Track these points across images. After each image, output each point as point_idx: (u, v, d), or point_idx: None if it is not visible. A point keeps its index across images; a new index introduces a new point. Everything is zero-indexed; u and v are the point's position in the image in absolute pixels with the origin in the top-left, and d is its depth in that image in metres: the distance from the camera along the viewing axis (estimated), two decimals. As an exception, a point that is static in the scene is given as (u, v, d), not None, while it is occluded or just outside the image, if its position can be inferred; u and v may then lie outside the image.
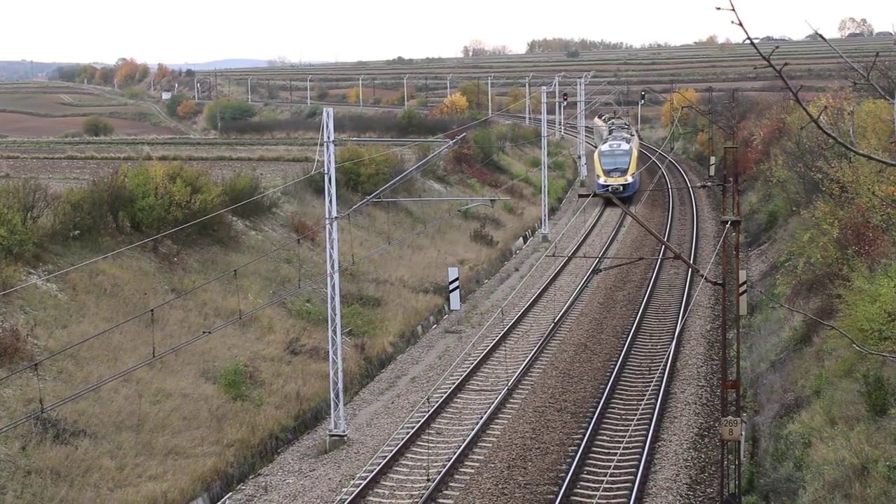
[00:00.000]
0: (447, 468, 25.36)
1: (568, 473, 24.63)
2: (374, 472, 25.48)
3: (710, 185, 53.01)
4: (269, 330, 34.53)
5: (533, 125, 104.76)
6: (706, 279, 21.75)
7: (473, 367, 34.41)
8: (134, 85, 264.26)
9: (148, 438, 25.60)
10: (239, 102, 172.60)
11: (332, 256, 28.64)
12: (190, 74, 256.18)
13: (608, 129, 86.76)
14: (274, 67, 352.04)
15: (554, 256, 45.89)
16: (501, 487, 24.62)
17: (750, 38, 8.38)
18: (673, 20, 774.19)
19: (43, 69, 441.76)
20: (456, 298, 39.09)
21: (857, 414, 21.88)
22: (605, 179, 70.17)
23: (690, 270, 44.11)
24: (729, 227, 22.33)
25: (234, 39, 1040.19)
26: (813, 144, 44.63)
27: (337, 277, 28.78)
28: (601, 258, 51.45)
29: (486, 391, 32.44)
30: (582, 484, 24.55)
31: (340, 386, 28.71)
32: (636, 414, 28.51)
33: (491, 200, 50.42)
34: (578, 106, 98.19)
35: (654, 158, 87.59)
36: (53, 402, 23.51)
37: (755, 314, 38.37)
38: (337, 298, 28.79)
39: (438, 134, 75.21)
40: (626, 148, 72.27)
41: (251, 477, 26.60)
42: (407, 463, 26.52)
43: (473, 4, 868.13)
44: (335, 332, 28.82)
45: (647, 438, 26.77)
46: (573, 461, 25.44)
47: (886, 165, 18.75)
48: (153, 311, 27.11)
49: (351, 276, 40.75)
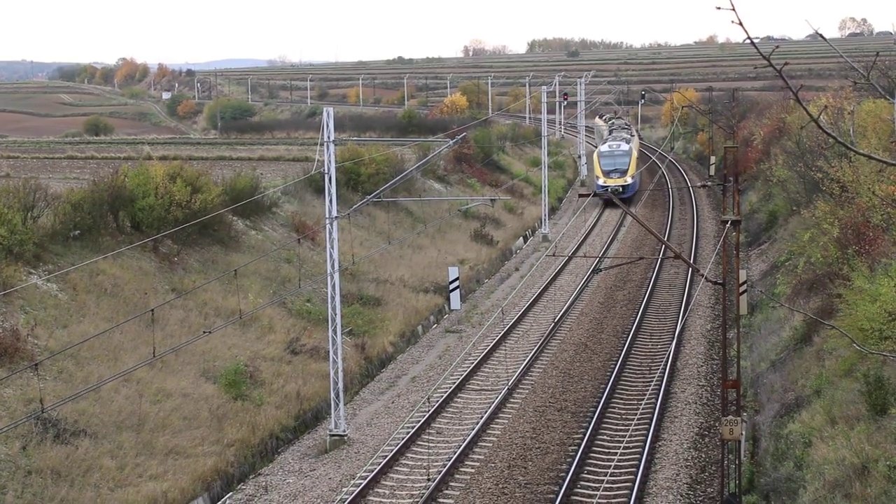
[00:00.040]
0: (447, 468, 25.37)
1: (568, 473, 24.63)
2: (374, 471, 25.49)
3: (710, 184, 53.01)
4: (269, 330, 34.53)
5: (533, 125, 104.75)
6: (706, 279, 21.77)
7: (474, 366, 34.42)
8: (134, 85, 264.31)
9: (148, 438, 25.61)
10: (239, 102, 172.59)
11: (332, 256, 28.65)
12: (190, 74, 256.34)
13: (608, 129, 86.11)
14: (274, 67, 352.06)
15: (554, 256, 45.86)
16: (502, 487, 24.63)
17: (750, 37, 8.39)
18: (673, 20, 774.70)
19: (43, 69, 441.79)
20: (456, 298, 39.12)
21: (857, 413, 21.89)
22: (604, 181, 69.04)
23: (691, 270, 44.12)
24: (729, 226, 22.33)
25: (234, 39, 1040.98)
26: (813, 144, 44.63)
27: (337, 277, 28.78)
28: (601, 258, 51.46)
29: (486, 391, 32.45)
30: (582, 483, 24.55)
31: (341, 385, 28.71)
32: (636, 413, 28.51)
33: (491, 200, 50.43)
34: (579, 105, 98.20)
35: (654, 158, 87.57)
36: (54, 401, 23.52)
37: (755, 314, 38.37)
38: (337, 298, 28.80)
39: (438, 134, 75.12)
40: (625, 149, 71.14)
41: (251, 477, 26.61)
42: (407, 462, 26.53)
43: (474, 4, 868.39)
44: (335, 331, 28.82)
45: (647, 438, 26.78)
46: (573, 461, 25.44)
47: (887, 165, 18.75)
48: (153, 310, 27.14)
49: (351, 275, 40.76)
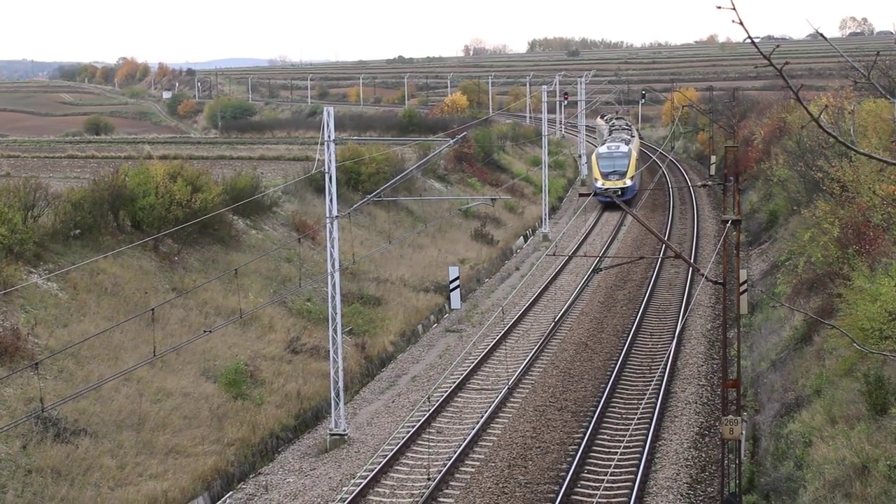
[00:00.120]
0: (448, 467, 25.37)
1: (568, 472, 24.63)
2: (374, 471, 25.49)
3: (710, 184, 52.96)
4: (269, 329, 34.54)
5: (533, 124, 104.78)
6: (707, 278, 21.77)
7: (474, 366, 34.41)
8: (134, 84, 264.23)
9: (148, 437, 25.61)
10: (239, 101, 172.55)
11: (332, 255, 28.64)
12: (190, 73, 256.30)
13: (608, 129, 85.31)
14: (274, 66, 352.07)
15: (554, 255, 45.84)
16: (502, 486, 24.62)
17: (751, 37, 8.38)
18: (673, 19, 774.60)
19: (44, 68, 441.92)
20: (456, 297, 39.11)
21: (857, 413, 21.88)
22: (602, 183, 66.50)
23: (691, 269, 44.11)
24: (729, 226, 22.32)
25: (234, 38, 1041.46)
26: (814, 143, 44.62)
27: (337, 276, 28.78)
28: (602, 257, 51.45)
29: (486, 390, 32.45)
30: (582, 483, 24.55)
31: (341, 385, 28.71)
32: (637, 413, 28.51)
33: (491, 199, 50.44)
34: (579, 105, 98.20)
35: (654, 158, 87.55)
36: (54, 401, 23.54)
37: (756, 313, 38.37)
38: (338, 297, 28.80)
39: (439, 133, 75.11)
40: (624, 150, 69.01)
41: (252, 476, 26.62)
42: (407, 462, 26.53)
43: (474, 3, 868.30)
44: (336, 331, 28.82)
45: (647, 437, 26.78)
46: (574, 460, 25.44)
47: (887, 164, 18.75)
48: (154, 310, 27.16)
49: (351, 275, 40.76)
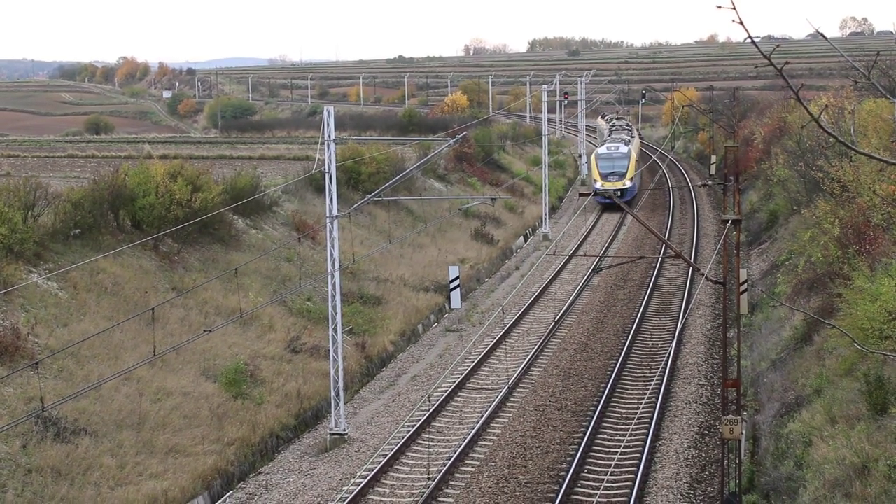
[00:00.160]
0: (448, 467, 25.37)
1: (568, 472, 24.63)
2: (374, 470, 25.49)
3: (710, 183, 52.94)
4: (269, 328, 34.54)
5: (534, 124, 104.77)
6: (707, 278, 21.77)
7: (474, 365, 34.41)
8: (135, 83, 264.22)
9: (148, 437, 25.61)
10: (240, 101, 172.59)
11: (332, 255, 28.64)
12: (191, 73, 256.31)
13: (609, 129, 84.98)
14: (275, 66, 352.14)
15: (554, 255, 45.87)
16: (502, 486, 24.62)
17: (751, 36, 8.38)
18: (674, 19, 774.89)
19: (44, 68, 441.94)
20: (456, 297, 39.09)
21: (857, 413, 21.88)
22: (601, 184, 65.27)
23: (691, 269, 44.11)
24: (730, 225, 22.33)
25: (234, 38, 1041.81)
26: (814, 143, 44.62)
27: (338, 276, 28.78)
28: (602, 257, 51.45)
29: (486, 390, 32.44)
30: (582, 483, 24.56)
31: (341, 384, 28.71)
32: (637, 413, 28.51)
33: (491, 199, 50.48)
34: (579, 105, 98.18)
35: (654, 157, 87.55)
36: (54, 400, 23.54)
37: (756, 313, 38.37)
38: (338, 297, 28.80)
39: (439, 133, 75.10)
40: (624, 151, 68.31)
41: (252, 475, 26.62)
42: (407, 461, 26.53)
43: (474, 3, 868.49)
44: (336, 330, 28.82)
45: (647, 437, 26.78)
46: (574, 460, 25.44)
47: (887, 164, 18.74)
48: (154, 309, 27.14)
49: (352, 274, 40.76)
